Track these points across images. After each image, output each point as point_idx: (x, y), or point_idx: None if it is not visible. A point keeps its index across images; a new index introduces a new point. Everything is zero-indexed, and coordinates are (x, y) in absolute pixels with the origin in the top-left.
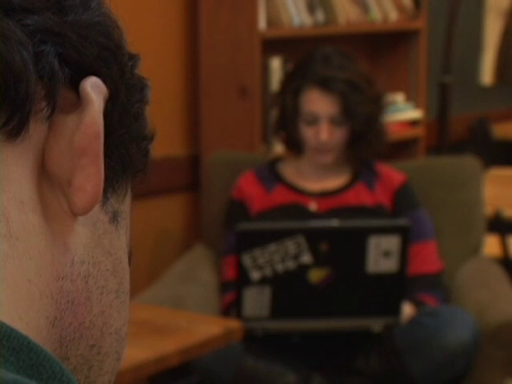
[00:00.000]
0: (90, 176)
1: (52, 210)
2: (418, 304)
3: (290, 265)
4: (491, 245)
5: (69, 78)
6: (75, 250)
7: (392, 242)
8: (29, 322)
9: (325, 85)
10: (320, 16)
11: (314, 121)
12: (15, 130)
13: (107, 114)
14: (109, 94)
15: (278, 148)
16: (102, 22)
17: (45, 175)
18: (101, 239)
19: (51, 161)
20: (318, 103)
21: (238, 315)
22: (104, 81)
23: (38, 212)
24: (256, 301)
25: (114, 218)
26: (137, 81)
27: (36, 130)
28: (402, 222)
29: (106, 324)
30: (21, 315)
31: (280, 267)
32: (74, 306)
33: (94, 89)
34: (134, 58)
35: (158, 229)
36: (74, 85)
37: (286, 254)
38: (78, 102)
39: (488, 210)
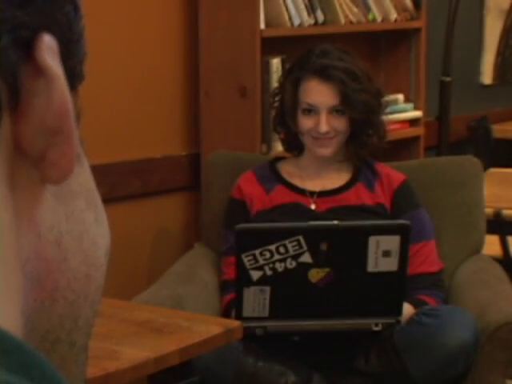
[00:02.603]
0: (65, 152)
1: (20, 182)
2: (418, 304)
3: (290, 265)
4: (491, 245)
5: (25, 53)
6: (42, 220)
7: (392, 242)
8: (8, 320)
9: (324, 73)
10: (320, 16)
11: (313, 112)
12: None
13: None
14: (58, 41)
15: (278, 148)
16: None
17: (18, 154)
18: (69, 186)
19: (23, 140)
20: (318, 93)
21: (238, 315)
22: (52, 32)
23: (6, 184)
24: (256, 301)
25: (78, 158)
26: (68, 2)
27: (5, 119)
28: (402, 221)
29: (93, 262)
30: (4, 315)
31: (280, 267)
32: (39, 281)
33: (52, 56)
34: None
35: (157, 229)
36: (29, 52)
37: (285, 254)
38: (39, 72)
39: (488, 210)
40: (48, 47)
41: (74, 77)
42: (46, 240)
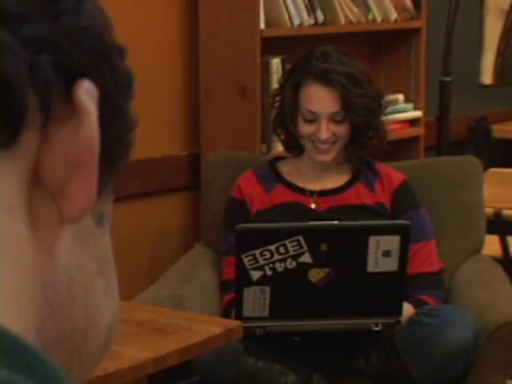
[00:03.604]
0: (84, 188)
1: (40, 217)
2: (418, 304)
3: (290, 265)
4: (491, 245)
5: (63, 86)
6: (59, 257)
7: (392, 242)
8: (18, 329)
9: (324, 78)
10: (320, 16)
11: (313, 119)
12: (7, 141)
13: (98, 116)
14: (100, 96)
15: (278, 148)
16: (95, 24)
17: (37, 183)
18: (87, 242)
19: (44, 170)
20: (318, 99)
21: (238, 315)
22: (96, 83)
23: (26, 219)
24: (256, 301)
25: (100, 220)
26: (125, 77)
27: (29, 139)
28: (402, 221)
29: (92, 325)
30: (13, 320)
31: (280, 267)
32: (55, 313)
33: (88, 98)
34: (122, 52)
35: (157, 229)
36: (67, 90)
37: (286, 254)
38: (72, 109)
39: (488, 210)
40: (87, 89)
41: (113, 152)
42: (60, 277)
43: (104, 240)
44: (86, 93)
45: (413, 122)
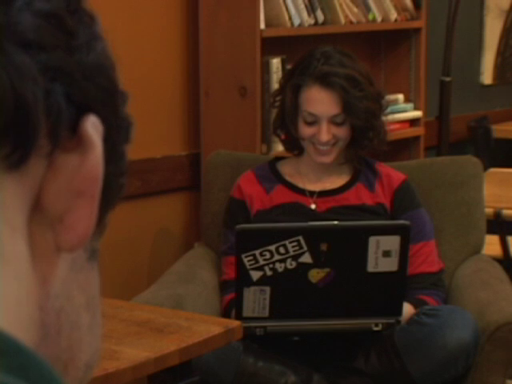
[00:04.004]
0: (84, 217)
1: (37, 244)
2: (418, 304)
3: (290, 265)
4: (491, 245)
5: (72, 117)
6: (52, 284)
7: (392, 242)
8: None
9: (325, 81)
10: (320, 16)
11: (314, 121)
12: (16, 163)
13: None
14: (103, 134)
15: (278, 148)
16: (104, 63)
17: (37, 209)
18: (77, 275)
19: (47, 196)
20: (319, 102)
21: (238, 315)
22: (101, 120)
23: (26, 242)
24: (256, 301)
25: (92, 255)
26: (124, 120)
27: (36, 164)
28: (402, 221)
29: (73, 358)
30: (15, 330)
31: (280, 267)
32: (47, 338)
33: (94, 130)
34: (123, 96)
35: (157, 229)
36: (75, 122)
37: (286, 254)
38: (78, 141)
39: (488, 210)
40: (94, 123)
41: (107, 191)
42: (51, 305)
43: (93, 276)
44: (93, 127)
45: (413, 121)
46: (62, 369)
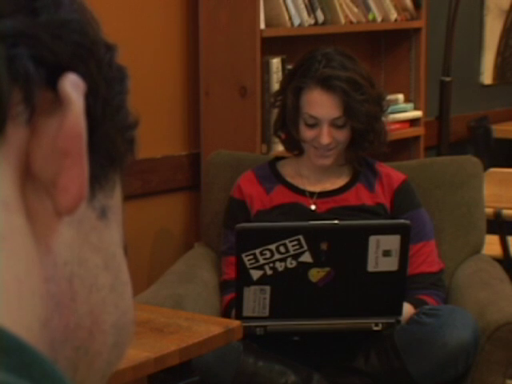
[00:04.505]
0: (75, 177)
1: (35, 212)
2: (418, 304)
3: (291, 264)
4: (491, 245)
5: (45, 79)
6: (58, 252)
7: (392, 242)
8: (19, 322)
9: (326, 84)
10: (320, 16)
11: (314, 124)
12: None
13: (89, 110)
14: (89, 90)
15: (278, 148)
16: (75, 18)
17: (29, 177)
18: (88, 236)
19: (35, 163)
20: (320, 105)
21: (238, 315)
22: (82, 77)
23: (22, 213)
24: (256, 300)
25: (103, 213)
26: (116, 72)
27: (16, 133)
28: (402, 221)
29: (97, 322)
30: (11, 314)
31: (280, 266)
32: (59, 308)
33: (73, 88)
34: (111, 49)
35: (157, 228)
36: (52, 84)
37: (286, 254)
38: (58, 102)
39: (488, 210)
40: (72, 81)
41: (112, 147)
42: (60, 272)
43: (108, 234)
44: (71, 84)
45: (413, 121)
46: (87, 335)
